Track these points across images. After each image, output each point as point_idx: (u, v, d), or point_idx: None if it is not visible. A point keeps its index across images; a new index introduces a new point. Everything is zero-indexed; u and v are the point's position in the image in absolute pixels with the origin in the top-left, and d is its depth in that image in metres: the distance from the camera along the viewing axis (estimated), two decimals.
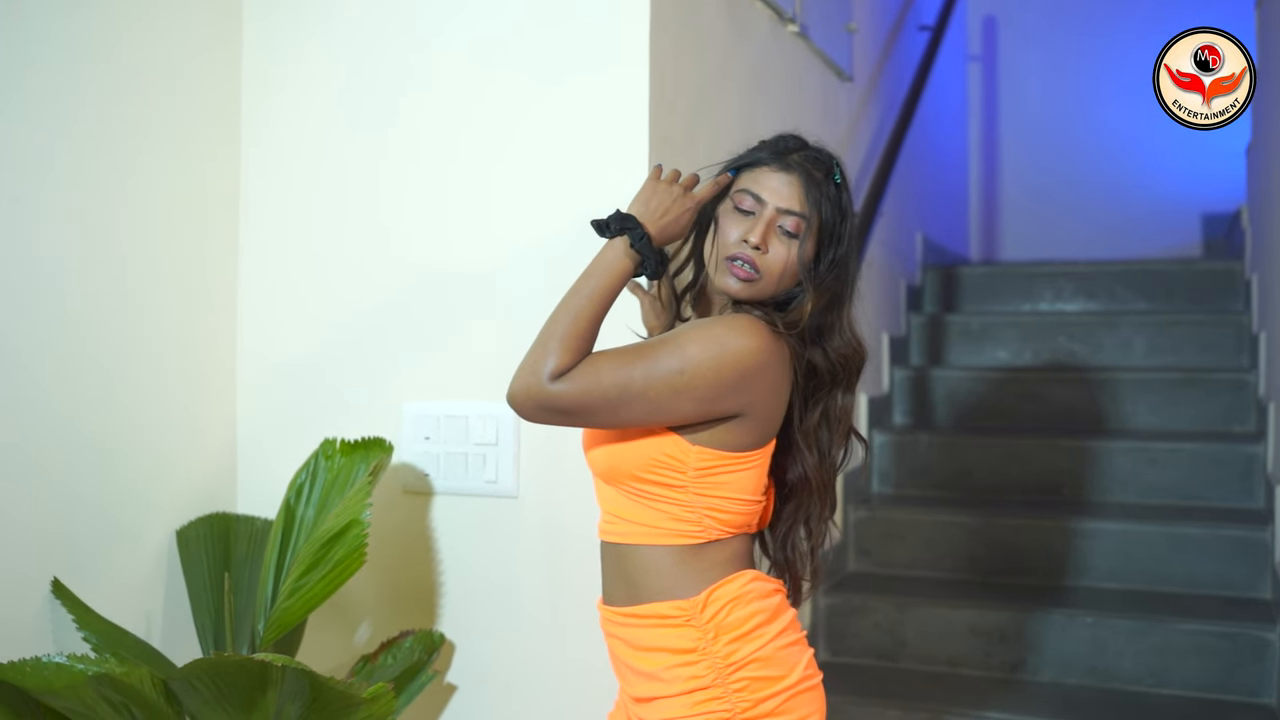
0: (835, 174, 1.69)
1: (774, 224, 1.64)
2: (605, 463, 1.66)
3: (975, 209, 5.88)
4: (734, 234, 1.65)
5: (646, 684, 1.65)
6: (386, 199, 2.38)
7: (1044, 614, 3.05)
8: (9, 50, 2.02)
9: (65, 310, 2.12)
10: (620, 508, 1.67)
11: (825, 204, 1.64)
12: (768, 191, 1.65)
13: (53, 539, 2.10)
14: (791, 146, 1.70)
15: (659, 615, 1.64)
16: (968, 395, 4.05)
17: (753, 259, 1.62)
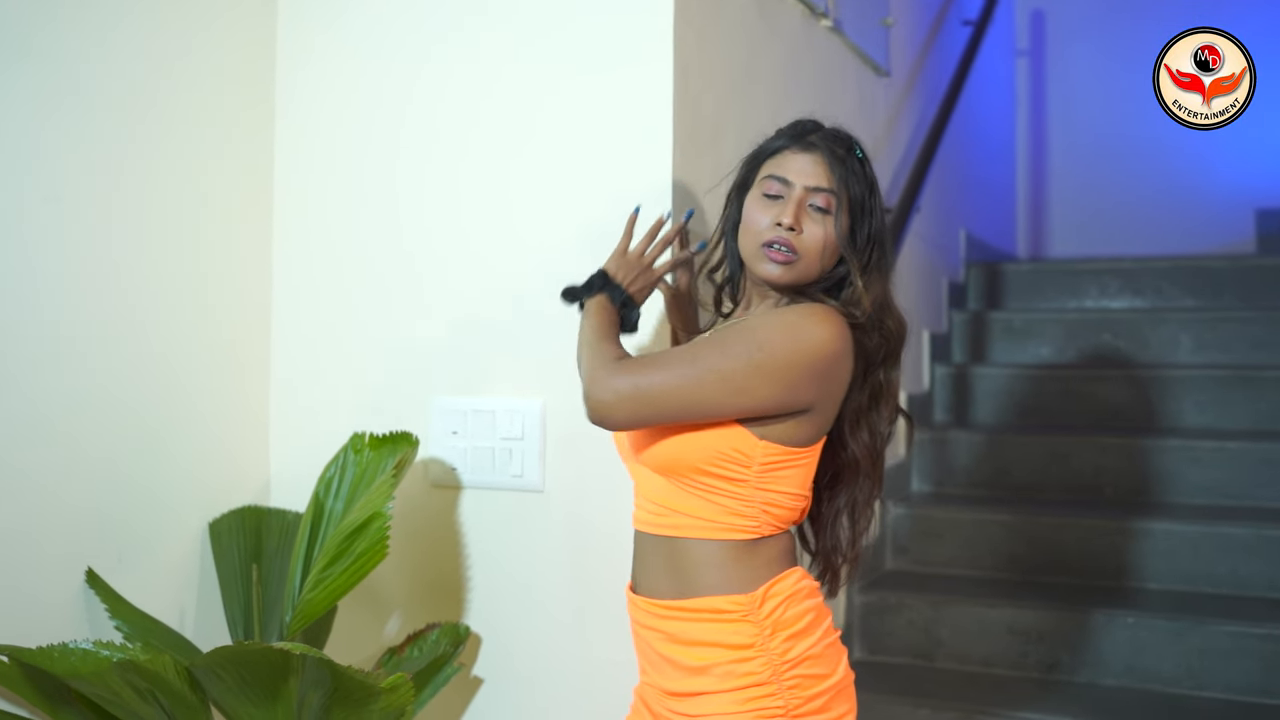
0: (856, 149, 1.69)
1: (804, 203, 1.64)
2: (667, 454, 1.62)
3: (1023, 205, 5.81)
4: (764, 220, 1.65)
5: (689, 679, 1.64)
6: (409, 195, 2.40)
7: (1083, 614, 3.00)
8: (41, 50, 2.06)
9: (98, 309, 2.16)
10: (673, 500, 1.65)
11: (851, 178, 1.65)
12: (793, 172, 1.65)
13: (89, 531, 2.14)
14: (809, 128, 1.71)
15: (713, 609, 1.62)
16: (1009, 393, 4.01)
17: (788, 240, 1.62)
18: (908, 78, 3.81)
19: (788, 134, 1.72)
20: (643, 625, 1.70)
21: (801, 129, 1.72)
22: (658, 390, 1.57)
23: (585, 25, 2.23)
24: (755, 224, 1.66)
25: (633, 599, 1.73)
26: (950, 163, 4.31)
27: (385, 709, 1.81)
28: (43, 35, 2.06)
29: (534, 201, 2.27)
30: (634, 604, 1.73)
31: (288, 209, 2.52)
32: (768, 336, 1.58)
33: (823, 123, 1.73)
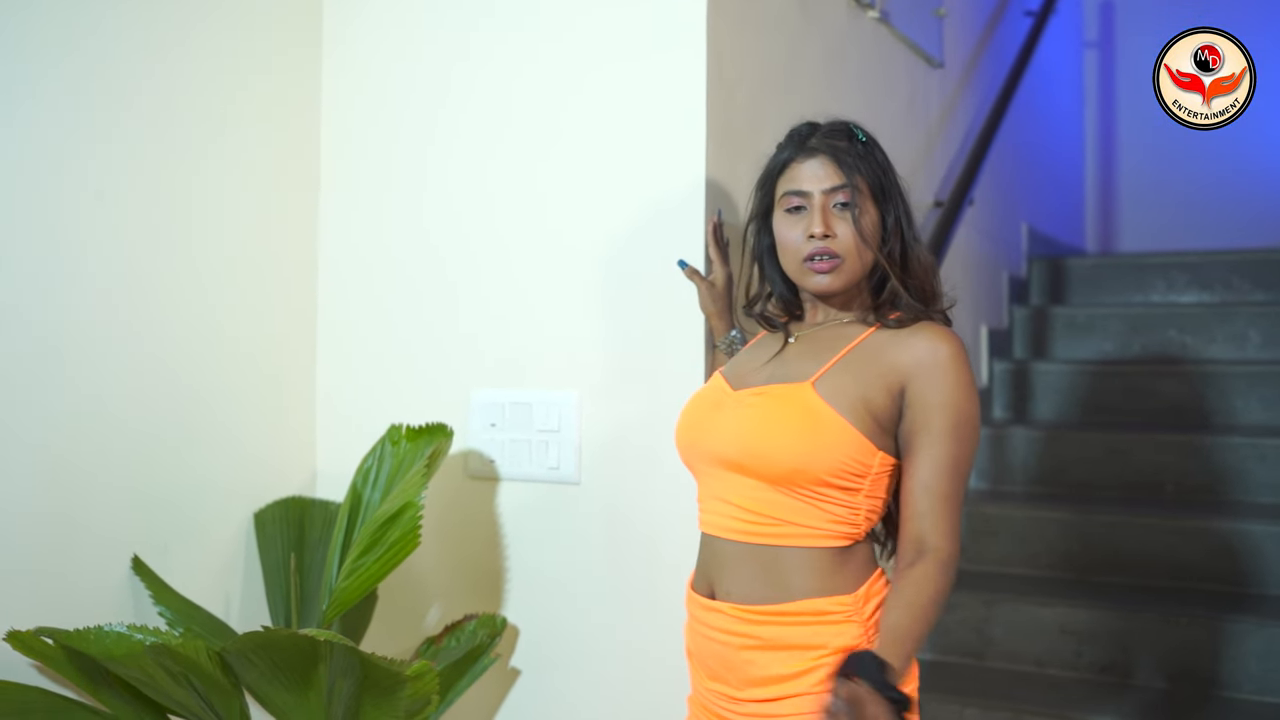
0: (857, 134, 1.70)
1: (827, 207, 1.65)
2: (789, 465, 1.59)
3: (1091, 199, 5.70)
4: (796, 235, 1.67)
5: (779, 684, 1.61)
6: (449, 191, 2.43)
7: (1138, 614, 2.94)
8: (91, 46, 2.11)
9: (152, 301, 2.22)
10: (779, 510, 1.61)
11: (862, 166, 1.66)
12: (806, 181, 1.67)
13: (137, 519, 2.20)
14: (806, 133, 1.72)
15: (817, 612, 1.60)
16: (1069, 389, 3.93)
17: (825, 248, 1.64)
18: (964, 69, 3.76)
19: (788, 145, 1.73)
20: (724, 631, 1.65)
21: (799, 135, 1.72)
22: (958, 517, 1.59)
23: (616, 14, 2.23)
24: (790, 242, 1.68)
25: (710, 605, 1.68)
26: (1012, 156, 4.25)
27: (412, 696, 1.83)
28: (89, 35, 2.11)
29: (567, 196, 2.28)
30: (713, 610, 1.67)
31: (333, 205, 2.57)
32: (962, 404, 1.59)
33: (818, 121, 1.74)
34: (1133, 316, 4.16)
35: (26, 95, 2.01)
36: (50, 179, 2.05)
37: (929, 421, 1.59)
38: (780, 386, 1.65)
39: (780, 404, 1.62)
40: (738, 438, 1.64)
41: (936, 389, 1.59)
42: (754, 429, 1.62)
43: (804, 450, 1.58)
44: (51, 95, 2.05)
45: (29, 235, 2.01)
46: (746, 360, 1.78)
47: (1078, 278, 4.61)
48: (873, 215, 1.66)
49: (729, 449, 1.65)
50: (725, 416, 1.67)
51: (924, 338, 1.62)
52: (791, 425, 1.60)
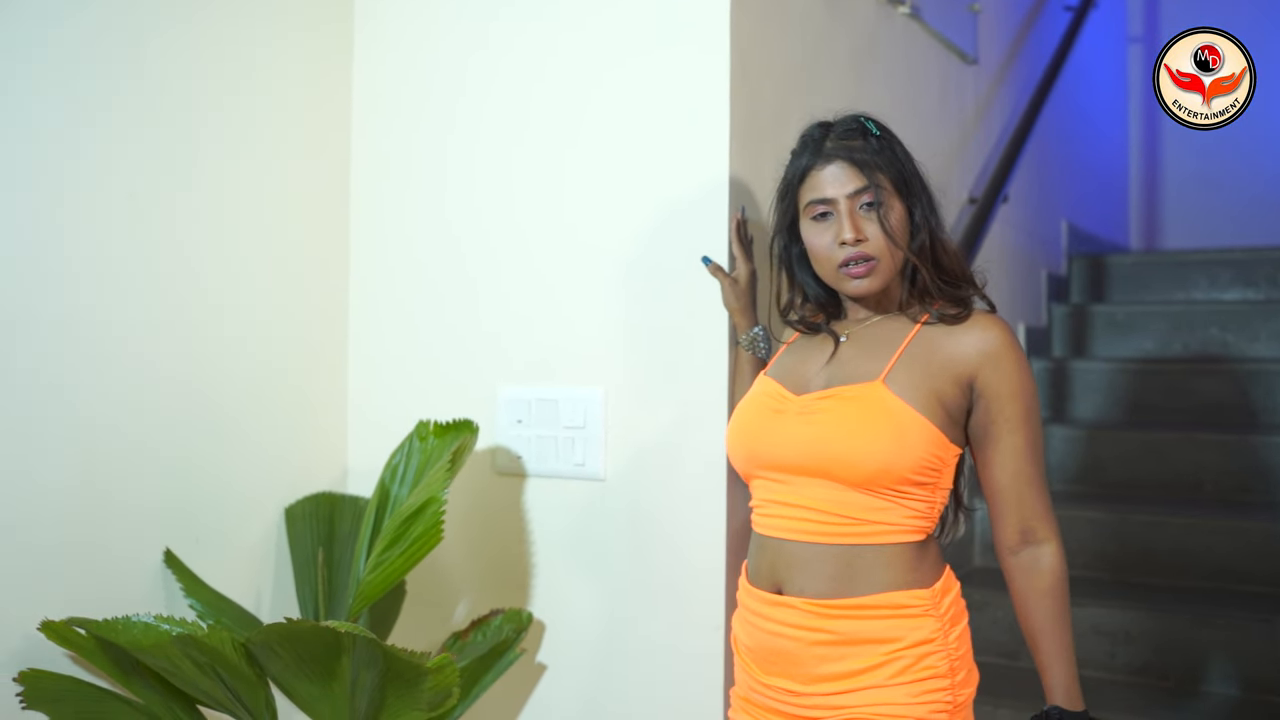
0: (870, 127, 1.69)
1: (854, 210, 1.65)
2: (875, 467, 1.59)
3: (1135, 196, 5.64)
4: (826, 243, 1.67)
5: (850, 679, 1.62)
6: (475, 189, 2.44)
7: (1174, 615, 2.90)
8: (124, 48, 2.15)
9: (186, 299, 2.25)
10: (859, 510, 1.62)
11: (879, 161, 1.65)
12: (828, 188, 1.66)
13: (173, 513, 2.23)
14: (819, 136, 1.71)
15: (895, 605, 1.61)
16: (1108, 388, 3.89)
17: (859, 253, 1.64)
18: (1000, 65, 3.73)
19: (804, 152, 1.72)
20: (794, 626, 1.65)
21: (812, 140, 1.72)
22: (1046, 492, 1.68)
23: (638, 9, 2.24)
24: (821, 250, 1.68)
25: (777, 600, 1.67)
26: (1051, 152, 4.21)
27: (434, 688, 1.85)
28: (121, 35, 2.15)
29: (591, 194, 2.29)
30: (782, 605, 1.67)
31: (362, 205, 2.59)
32: (1028, 388, 1.64)
33: (829, 120, 1.73)
34: (1174, 314, 4.12)
35: (57, 95, 2.05)
36: (86, 179, 2.09)
37: (1003, 410, 1.63)
38: (851, 388, 1.64)
39: (858, 406, 1.62)
40: (815, 443, 1.63)
41: (1006, 378, 1.62)
42: (835, 433, 1.61)
43: (889, 451, 1.58)
44: (82, 95, 2.09)
45: (64, 234, 2.05)
46: (795, 363, 1.77)
47: (1119, 275, 4.56)
48: (899, 211, 1.66)
49: (804, 455, 1.64)
50: (792, 422, 1.66)
51: (982, 328, 1.64)
52: (874, 426, 1.60)
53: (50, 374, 2.02)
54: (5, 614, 1.95)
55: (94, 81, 2.10)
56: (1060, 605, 1.66)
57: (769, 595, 1.68)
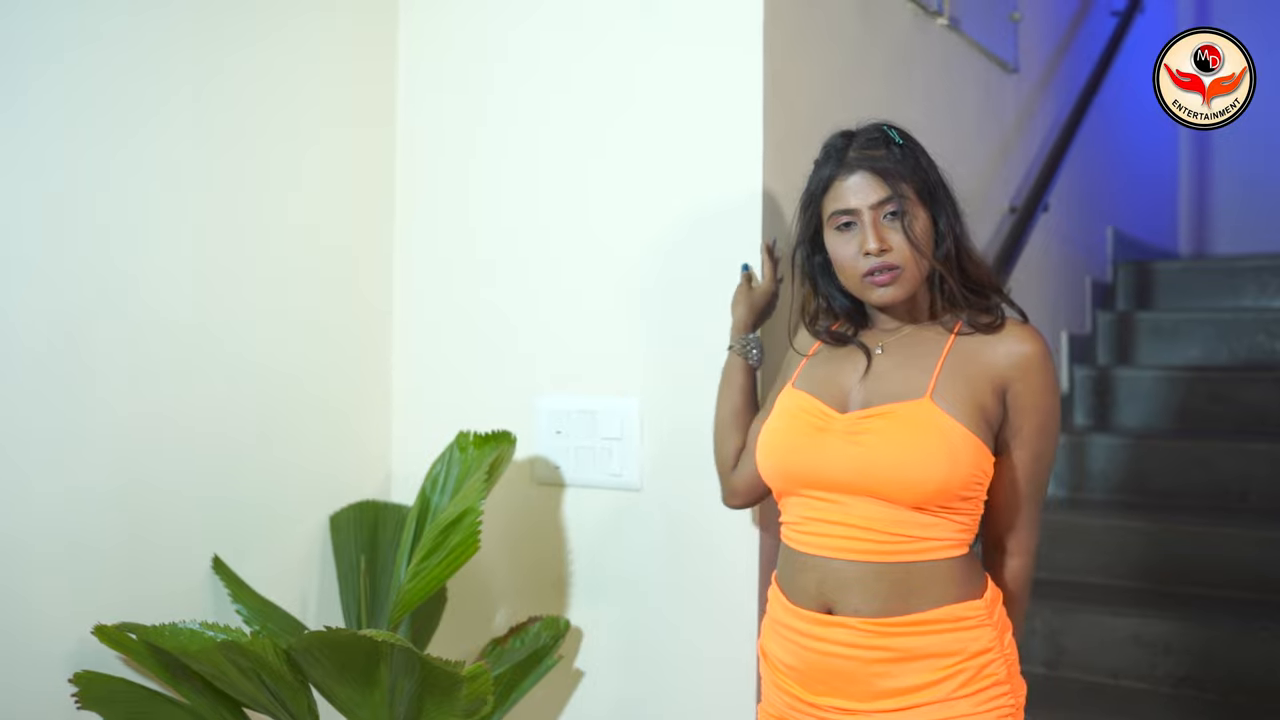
0: (893, 136, 1.68)
1: (878, 220, 1.64)
2: (933, 487, 1.59)
3: (1185, 202, 5.59)
4: (850, 253, 1.66)
5: (912, 694, 1.61)
6: (518, 201, 2.49)
7: (1215, 625, 2.89)
8: (164, 56, 2.22)
9: (233, 308, 2.31)
10: (912, 528, 1.62)
11: (904, 171, 1.65)
12: (852, 198, 1.66)
13: (221, 520, 2.29)
14: (841, 145, 1.71)
15: (954, 619, 1.61)
16: (1153, 396, 3.87)
17: (883, 263, 1.64)
18: (1042, 73, 3.73)
19: (826, 162, 1.71)
20: (850, 646, 1.63)
21: (835, 150, 1.71)
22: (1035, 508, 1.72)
23: (671, 24, 2.28)
24: (846, 261, 1.67)
25: (830, 620, 1.65)
26: (1097, 159, 4.20)
27: (470, 696, 1.89)
28: (162, 37, 2.22)
29: (625, 206, 2.33)
30: (835, 626, 1.65)
31: (407, 217, 2.65)
32: (1047, 405, 1.66)
33: (851, 129, 1.73)
34: (1221, 321, 4.09)
35: (107, 94, 2.12)
36: (132, 182, 2.15)
37: (1024, 422, 1.64)
38: (900, 405, 1.63)
39: (909, 425, 1.61)
40: (867, 464, 1.62)
41: (1031, 391, 1.63)
42: (887, 454, 1.61)
43: (944, 470, 1.58)
44: (136, 93, 2.15)
45: (111, 240, 2.11)
46: (828, 376, 1.75)
47: (1165, 282, 4.54)
48: (924, 220, 1.66)
49: (855, 475, 1.63)
50: (838, 441, 1.65)
51: (1018, 339, 1.65)
52: (928, 446, 1.59)
53: (99, 388, 2.09)
54: (61, 619, 2.02)
55: (149, 80, 2.17)
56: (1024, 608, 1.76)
57: (819, 615, 1.66)
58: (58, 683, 1.97)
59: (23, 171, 1.98)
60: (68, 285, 2.04)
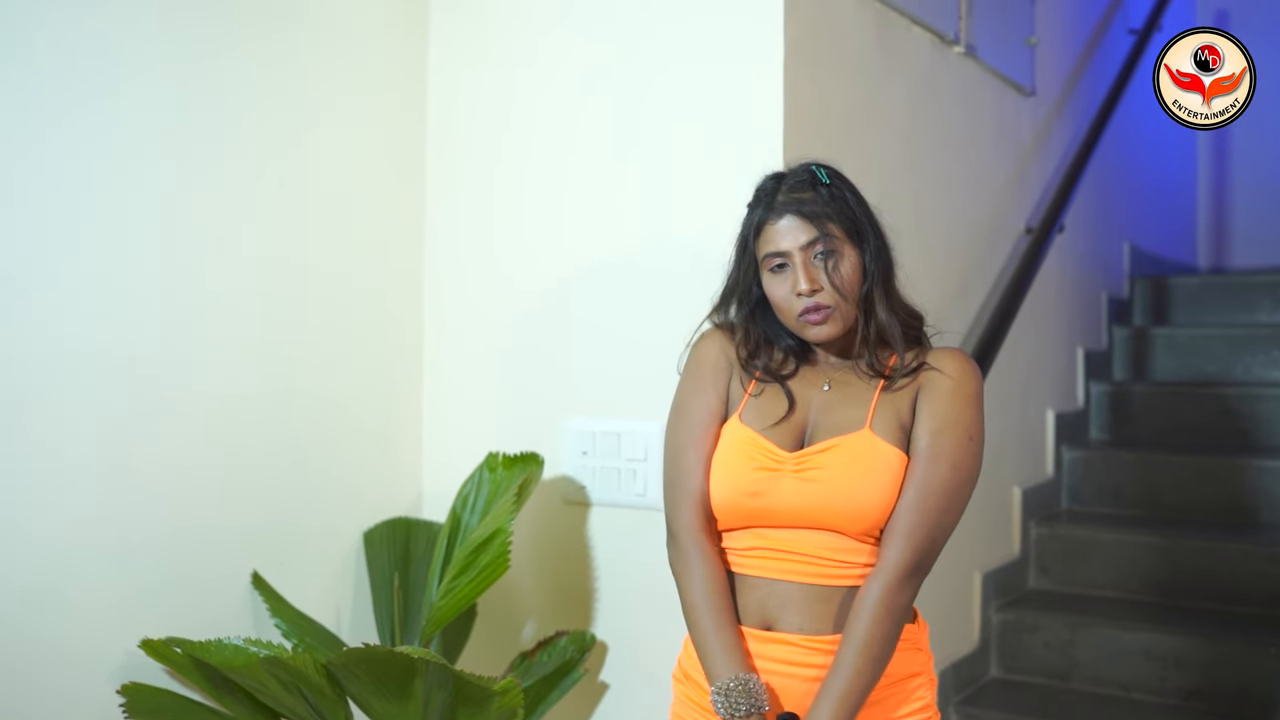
0: (821, 177, 1.70)
1: (808, 261, 1.67)
2: (877, 515, 1.64)
3: (1204, 215, 5.62)
4: (784, 293, 1.69)
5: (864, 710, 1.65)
6: (543, 226, 2.58)
7: (1226, 641, 2.95)
8: (187, 62, 2.31)
9: (266, 339, 2.41)
10: (847, 554, 1.66)
11: (830, 210, 1.67)
12: (782, 240, 1.68)
13: (259, 537, 2.39)
14: (771, 189, 1.73)
15: None
16: (1166, 411, 3.92)
17: (815, 303, 1.66)
18: (1059, 94, 3.78)
19: (757, 205, 1.74)
20: (789, 663, 1.66)
21: (765, 194, 1.73)
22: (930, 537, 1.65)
23: (692, 48, 2.36)
24: (781, 301, 1.70)
25: (772, 637, 1.68)
26: (1114, 175, 4.25)
27: (501, 709, 1.98)
28: (183, 41, 2.31)
29: (646, 237, 2.41)
30: (778, 643, 1.67)
31: (436, 244, 2.74)
32: (974, 420, 1.68)
33: (781, 171, 1.76)
34: (1236, 337, 4.13)
35: (147, 106, 2.21)
36: (166, 211, 2.25)
37: (919, 440, 1.66)
38: (845, 439, 1.66)
39: (857, 458, 1.64)
40: (819, 500, 1.64)
41: (934, 401, 1.67)
42: (838, 490, 1.64)
43: (887, 497, 1.64)
44: (159, 126, 2.25)
45: (158, 266, 2.21)
46: (773, 411, 1.74)
47: (1181, 297, 4.58)
48: (853, 259, 1.68)
49: (807, 511, 1.65)
50: (789, 481, 1.66)
51: (937, 357, 1.71)
52: (876, 475, 1.64)
53: (144, 415, 2.18)
54: (109, 633, 2.12)
55: (170, 85, 2.27)
56: (877, 647, 1.61)
57: (760, 632, 1.68)
58: (106, 693, 2.07)
59: (62, 180, 2.08)
60: (121, 304, 2.14)
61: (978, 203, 3.18)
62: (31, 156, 2.02)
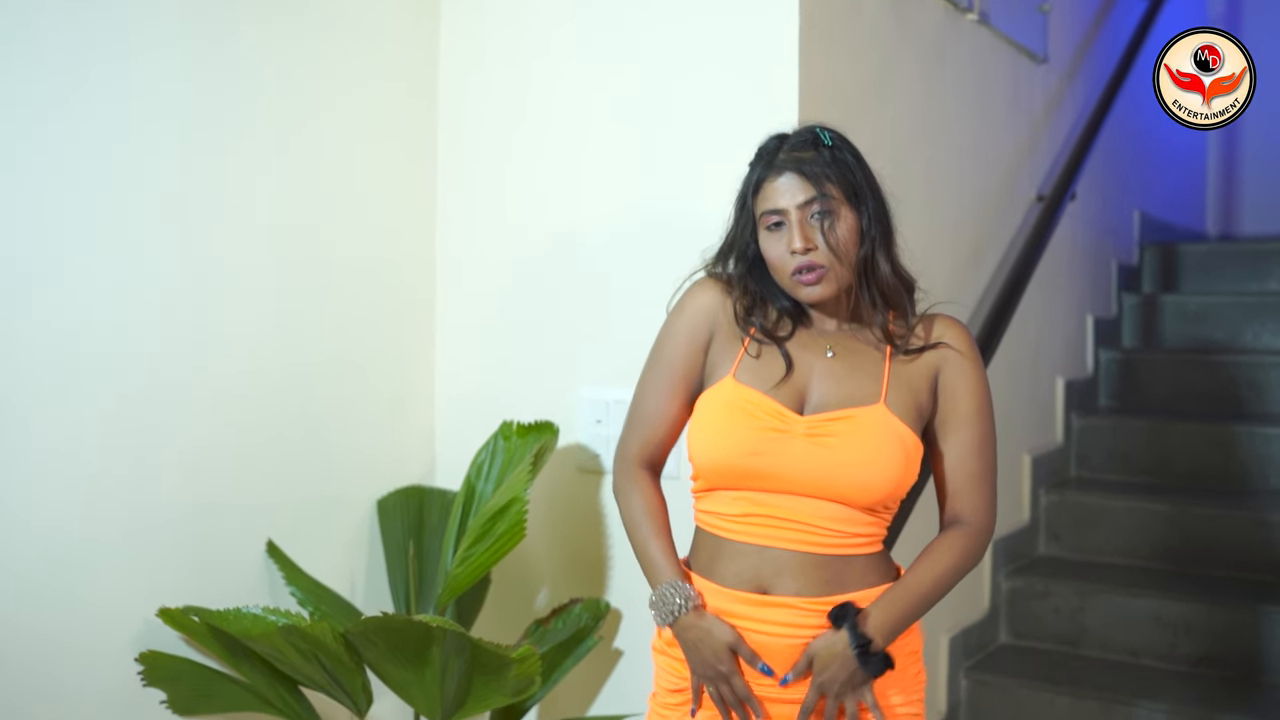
0: (824, 138, 1.69)
1: (804, 220, 1.65)
2: (890, 489, 1.65)
3: (1213, 182, 5.60)
4: (779, 252, 1.67)
5: None
6: (558, 194, 2.58)
7: (1236, 608, 2.96)
8: (207, 46, 2.31)
9: (280, 309, 2.41)
10: (850, 525, 1.66)
11: (830, 172, 1.65)
12: (780, 198, 1.66)
13: (273, 506, 2.40)
14: (773, 147, 1.72)
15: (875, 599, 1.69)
16: (1176, 379, 3.92)
17: (809, 262, 1.64)
18: (1071, 61, 3.76)
19: (758, 163, 1.73)
20: (787, 625, 1.65)
21: (766, 152, 1.72)
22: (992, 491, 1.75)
23: (706, 22, 2.35)
24: (776, 260, 1.68)
25: (769, 601, 1.66)
26: (1125, 142, 4.23)
27: (518, 676, 1.99)
28: (203, 28, 2.30)
29: (662, 205, 2.41)
30: (775, 606, 1.66)
31: (449, 209, 2.73)
32: (981, 387, 1.74)
33: (786, 132, 1.74)
34: (1246, 305, 4.13)
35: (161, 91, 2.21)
36: (180, 189, 2.24)
37: (958, 407, 1.72)
38: (859, 411, 1.66)
39: (872, 431, 1.64)
40: (832, 468, 1.64)
41: (963, 373, 1.72)
42: (852, 459, 1.63)
43: (901, 474, 1.65)
44: (183, 113, 2.25)
45: (170, 239, 2.21)
46: (774, 372, 1.71)
47: (1191, 264, 4.57)
48: (850, 220, 1.66)
49: (818, 479, 1.64)
50: (799, 444, 1.65)
51: (942, 328, 1.73)
52: (888, 452, 1.64)
53: (159, 387, 2.19)
54: (127, 602, 2.13)
55: (185, 74, 2.26)
56: (944, 565, 1.69)
57: (755, 596, 1.67)
58: (125, 662, 2.09)
59: (84, 161, 2.08)
60: (129, 288, 2.15)
61: (990, 171, 3.17)
62: (51, 121, 2.02)
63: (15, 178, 1.98)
